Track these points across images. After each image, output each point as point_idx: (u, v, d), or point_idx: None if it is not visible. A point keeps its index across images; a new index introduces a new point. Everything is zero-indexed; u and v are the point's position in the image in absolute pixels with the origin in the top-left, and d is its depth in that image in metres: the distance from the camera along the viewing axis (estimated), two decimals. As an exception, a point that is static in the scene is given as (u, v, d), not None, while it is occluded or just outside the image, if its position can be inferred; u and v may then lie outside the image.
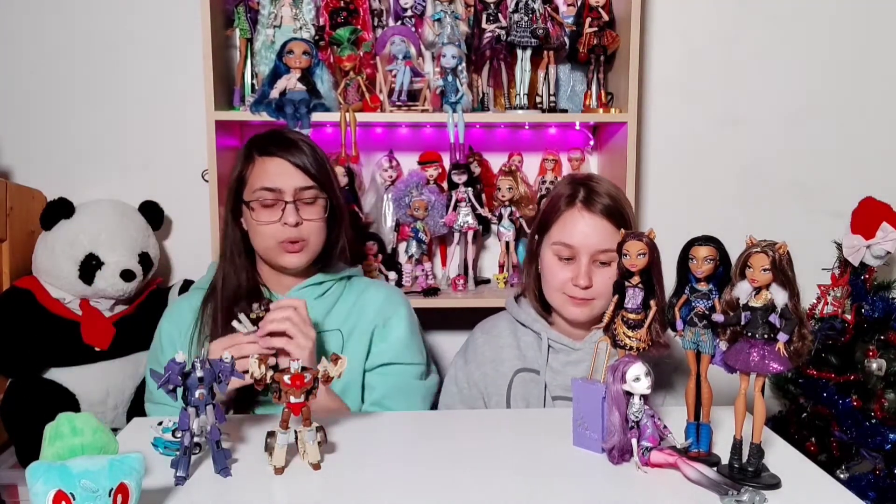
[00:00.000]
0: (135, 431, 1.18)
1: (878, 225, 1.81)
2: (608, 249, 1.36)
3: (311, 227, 1.45)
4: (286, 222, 1.41)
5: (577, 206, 1.39)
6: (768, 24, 2.19)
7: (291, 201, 1.42)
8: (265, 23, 1.92)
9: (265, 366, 0.99)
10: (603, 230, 1.37)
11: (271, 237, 1.43)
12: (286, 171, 1.43)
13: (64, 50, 2.09)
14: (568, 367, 1.42)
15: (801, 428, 1.93)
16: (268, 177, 1.43)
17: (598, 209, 1.38)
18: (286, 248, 1.43)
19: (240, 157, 1.49)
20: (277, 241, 1.43)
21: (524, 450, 1.09)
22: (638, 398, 1.01)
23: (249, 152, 1.48)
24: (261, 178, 1.44)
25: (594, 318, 1.41)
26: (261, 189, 1.43)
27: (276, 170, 1.43)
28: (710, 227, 1.13)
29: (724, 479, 0.95)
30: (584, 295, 1.39)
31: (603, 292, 1.37)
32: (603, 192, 1.40)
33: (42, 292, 1.89)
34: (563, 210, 1.41)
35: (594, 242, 1.37)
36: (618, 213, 1.38)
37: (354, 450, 1.09)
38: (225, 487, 0.96)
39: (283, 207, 1.42)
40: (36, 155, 2.11)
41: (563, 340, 1.43)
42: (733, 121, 2.22)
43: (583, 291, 1.38)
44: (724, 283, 0.98)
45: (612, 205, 1.38)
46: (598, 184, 1.43)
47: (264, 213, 1.43)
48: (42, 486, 0.76)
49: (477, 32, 1.94)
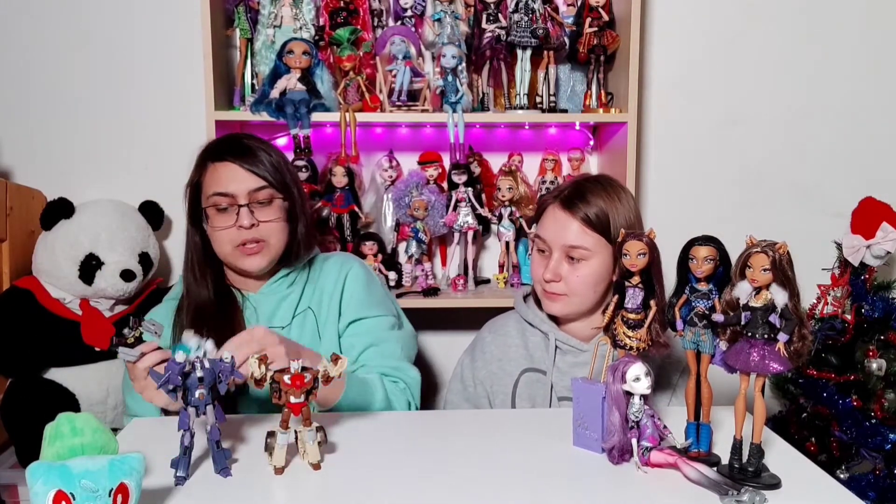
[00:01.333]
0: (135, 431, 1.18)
1: (878, 225, 1.81)
2: (578, 246, 1.36)
3: (269, 227, 1.44)
4: (241, 225, 1.41)
5: (558, 204, 1.40)
6: (768, 24, 2.19)
7: (245, 204, 1.42)
8: (265, 23, 1.92)
9: (265, 366, 0.99)
10: (575, 230, 1.37)
11: (228, 242, 1.43)
12: (237, 175, 1.43)
13: (64, 50, 2.09)
14: (575, 368, 1.42)
15: (801, 428, 1.93)
16: (220, 182, 1.43)
17: (576, 212, 1.37)
18: (244, 251, 1.43)
19: (194, 166, 1.49)
20: (234, 245, 1.43)
21: (524, 450, 1.09)
22: (638, 398, 1.01)
23: (203, 159, 1.48)
24: (214, 183, 1.44)
25: (573, 314, 1.43)
26: (214, 195, 1.43)
27: (227, 174, 1.43)
28: (710, 227, 1.13)
29: (724, 479, 0.95)
30: (555, 290, 1.40)
31: (575, 290, 1.39)
32: (592, 199, 1.37)
33: (42, 292, 1.89)
34: (547, 205, 1.43)
35: (564, 238, 1.38)
36: (597, 219, 1.36)
37: (354, 450, 1.09)
38: (225, 487, 0.96)
39: (238, 211, 1.41)
40: (36, 155, 2.11)
41: (570, 342, 1.43)
42: (733, 121, 2.22)
43: (553, 286, 1.40)
44: (724, 283, 0.98)
45: (593, 212, 1.36)
46: (591, 190, 1.39)
47: (219, 218, 1.43)
48: (42, 486, 0.76)
49: (477, 32, 1.94)
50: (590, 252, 1.37)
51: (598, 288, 1.40)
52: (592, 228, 1.36)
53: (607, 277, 1.39)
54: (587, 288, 1.39)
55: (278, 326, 1.46)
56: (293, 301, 1.50)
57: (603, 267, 1.38)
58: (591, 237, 1.36)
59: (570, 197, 1.39)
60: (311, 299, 1.51)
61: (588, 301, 1.41)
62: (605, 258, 1.37)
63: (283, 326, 1.47)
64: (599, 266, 1.38)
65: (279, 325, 1.47)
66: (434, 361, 2.21)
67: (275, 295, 1.50)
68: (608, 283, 1.39)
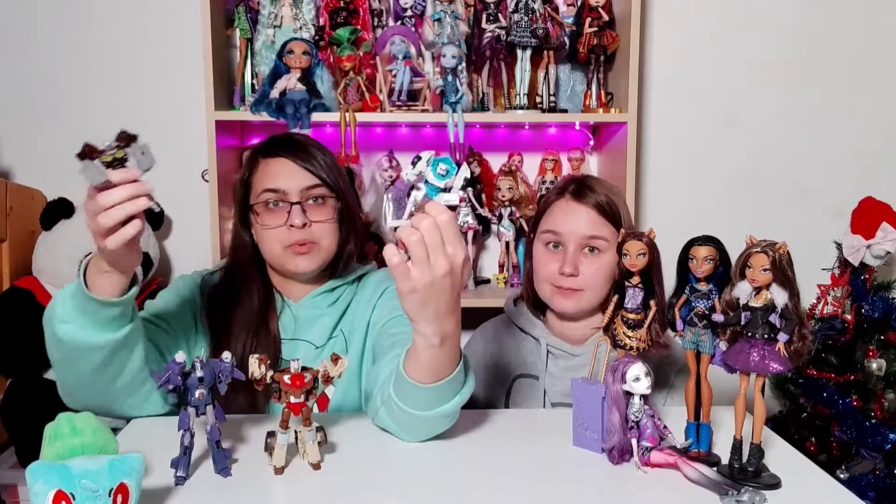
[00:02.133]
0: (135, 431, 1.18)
1: (878, 225, 1.82)
2: (597, 236, 1.34)
3: (321, 228, 1.34)
4: (293, 224, 1.31)
5: (567, 197, 1.39)
6: (768, 24, 2.19)
7: (297, 202, 1.33)
8: (265, 23, 1.92)
9: (265, 366, 0.99)
10: (592, 219, 1.35)
11: (278, 242, 1.33)
12: (290, 171, 1.35)
13: (64, 50, 2.09)
14: (567, 372, 1.39)
15: (801, 428, 1.93)
16: (271, 178, 1.35)
17: (588, 200, 1.36)
18: (295, 250, 1.33)
19: (245, 163, 1.42)
20: (284, 245, 1.33)
21: (524, 450, 1.09)
22: (638, 398, 1.01)
23: (254, 156, 1.40)
24: (264, 180, 1.35)
25: (583, 311, 1.39)
26: (265, 191, 1.34)
27: (279, 170, 1.35)
28: (710, 227, 1.13)
29: (724, 479, 0.95)
30: (572, 285, 1.36)
31: (591, 284, 1.35)
32: (598, 189, 1.38)
33: (42, 292, 1.89)
34: (552, 202, 1.41)
35: (581, 228, 1.35)
36: (609, 208, 1.36)
37: (354, 450, 1.08)
38: (225, 487, 0.96)
39: (289, 209, 1.32)
40: (36, 155, 2.11)
41: (562, 346, 1.42)
42: (733, 121, 2.22)
43: (570, 280, 1.35)
44: (724, 283, 0.98)
45: (604, 200, 1.36)
46: (595, 182, 1.41)
47: (269, 216, 1.34)
48: (42, 486, 0.76)
49: (477, 32, 1.94)
50: (607, 243, 1.34)
51: (608, 283, 1.35)
52: (605, 217, 1.35)
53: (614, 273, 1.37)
54: (602, 282, 1.35)
55: (310, 343, 1.38)
56: (332, 321, 1.40)
57: (614, 261, 1.36)
58: (607, 227, 1.35)
59: (579, 188, 1.38)
60: (346, 323, 1.42)
61: (599, 297, 1.37)
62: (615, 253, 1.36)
63: (317, 346, 1.38)
64: (612, 259, 1.34)
65: (312, 342, 1.38)
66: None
67: (316, 309, 1.40)
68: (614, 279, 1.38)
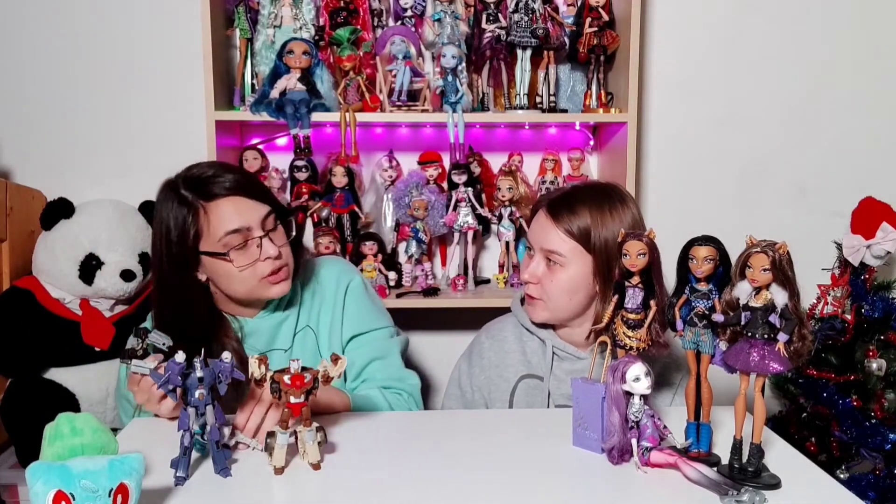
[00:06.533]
0: (135, 431, 1.18)
1: (878, 225, 1.82)
2: (553, 251, 1.34)
3: (285, 251, 1.36)
4: (268, 256, 1.32)
5: (545, 207, 1.39)
6: (768, 24, 2.19)
7: (263, 234, 1.32)
8: (265, 23, 1.92)
9: (265, 366, 0.99)
10: (554, 236, 1.35)
11: (252, 277, 1.32)
12: (245, 207, 1.32)
13: (64, 50, 2.09)
14: (572, 375, 1.38)
15: (801, 428, 1.93)
16: (229, 220, 1.30)
17: (561, 223, 1.35)
18: (271, 280, 1.34)
19: (173, 215, 1.31)
20: (259, 278, 1.33)
21: (524, 450, 1.09)
22: (638, 398, 1.01)
23: (188, 204, 1.30)
24: (221, 223, 1.30)
25: (555, 321, 1.41)
26: (228, 234, 1.30)
27: (233, 209, 1.31)
28: (710, 226, 1.13)
29: (724, 479, 0.95)
30: (532, 292, 1.39)
31: (550, 294, 1.37)
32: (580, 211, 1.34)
33: (42, 292, 1.89)
34: (538, 208, 1.42)
35: (543, 240, 1.36)
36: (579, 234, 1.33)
37: (354, 450, 1.09)
38: (225, 487, 0.96)
39: (259, 244, 1.31)
40: (36, 155, 2.11)
41: (568, 349, 1.42)
42: (733, 120, 2.22)
43: (530, 288, 1.39)
44: (724, 283, 0.98)
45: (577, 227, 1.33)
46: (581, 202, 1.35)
47: (242, 256, 1.31)
48: (42, 486, 0.76)
49: (477, 32, 1.94)
50: (565, 259, 1.34)
51: (574, 297, 1.36)
52: (571, 237, 1.34)
53: (584, 288, 1.35)
54: (561, 294, 1.36)
55: (280, 349, 1.42)
56: (292, 322, 1.44)
57: (579, 276, 1.34)
58: (568, 244, 1.34)
59: (558, 203, 1.37)
60: (309, 317, 1.46)
61: (563, 309, 1.37)
62: (582, 268, 1.34)
63: (285, 349, 1.43)
64: (576, 274, 1.34)
65: (281, 347, 1.43)
66: (433, 362, 2.21)
67: (273, 319, 1.42)
68: (586, 294, 1.36)
